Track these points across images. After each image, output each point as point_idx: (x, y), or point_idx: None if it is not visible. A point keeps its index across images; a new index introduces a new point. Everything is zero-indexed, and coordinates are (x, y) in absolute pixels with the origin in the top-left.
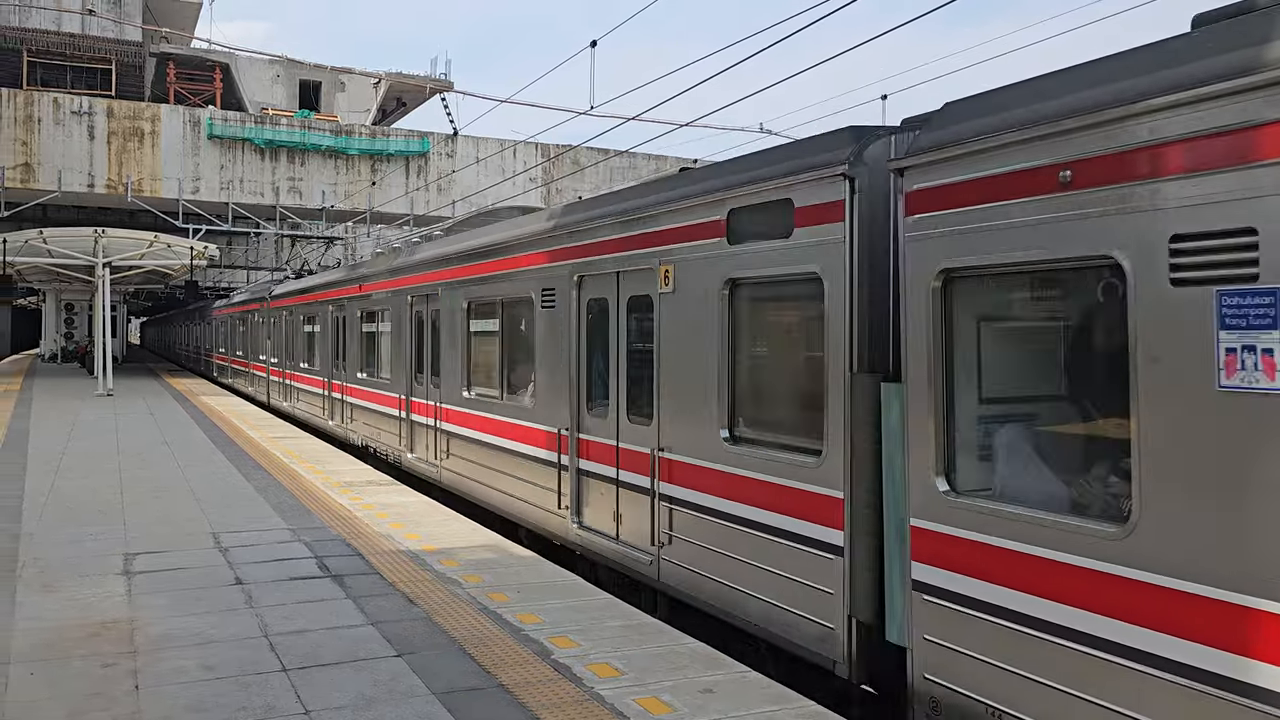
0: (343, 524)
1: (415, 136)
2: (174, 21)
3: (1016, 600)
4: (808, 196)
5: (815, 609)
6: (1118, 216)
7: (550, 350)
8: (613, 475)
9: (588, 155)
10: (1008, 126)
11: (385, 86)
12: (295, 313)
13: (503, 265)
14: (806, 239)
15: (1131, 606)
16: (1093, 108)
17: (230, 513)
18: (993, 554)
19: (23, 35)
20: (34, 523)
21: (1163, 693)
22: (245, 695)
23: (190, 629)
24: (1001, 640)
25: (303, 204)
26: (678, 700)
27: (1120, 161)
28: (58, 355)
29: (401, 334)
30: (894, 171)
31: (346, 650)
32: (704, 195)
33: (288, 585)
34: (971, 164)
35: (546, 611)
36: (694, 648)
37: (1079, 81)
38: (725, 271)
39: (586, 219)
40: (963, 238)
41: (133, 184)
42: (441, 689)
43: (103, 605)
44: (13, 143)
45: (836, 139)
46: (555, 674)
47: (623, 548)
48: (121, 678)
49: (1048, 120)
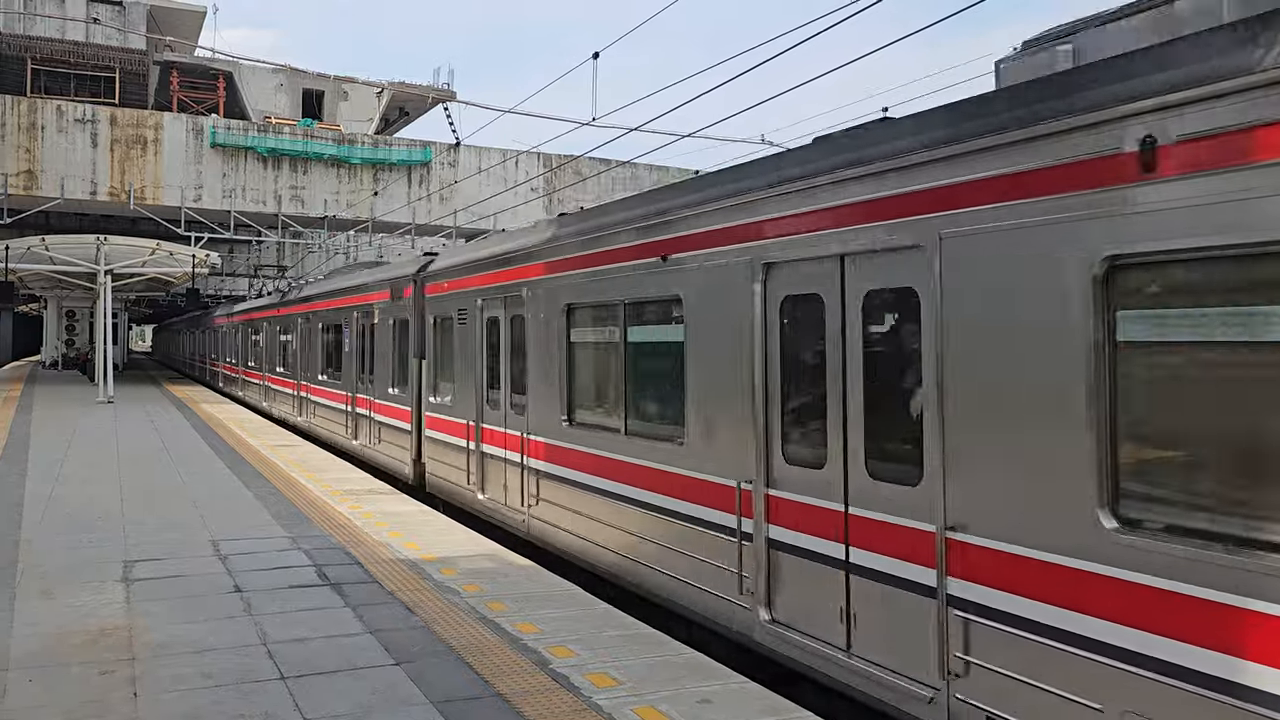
0: (342, 532)
1: (418, 146)
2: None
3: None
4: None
5: None
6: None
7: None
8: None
9: (590, 165)
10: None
11: (388, 96)
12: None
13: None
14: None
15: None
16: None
17: (230, 520)
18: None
19: (27, 43)
20: (33, 529)
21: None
22: (244, 703)
23: (189, 636)
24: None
25: (305, 212)
26: (675, 710)
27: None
28: (59, 362)
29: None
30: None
31: (345, 659)
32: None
33: (286, 593)
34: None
35: (545, 621)
36: (691, 658)
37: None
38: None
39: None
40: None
41: (135, 192)
42: (439, 698)
43: (102, 612)
44: (16, 150)
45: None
46: (553, 683)
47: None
48: (120, 685)
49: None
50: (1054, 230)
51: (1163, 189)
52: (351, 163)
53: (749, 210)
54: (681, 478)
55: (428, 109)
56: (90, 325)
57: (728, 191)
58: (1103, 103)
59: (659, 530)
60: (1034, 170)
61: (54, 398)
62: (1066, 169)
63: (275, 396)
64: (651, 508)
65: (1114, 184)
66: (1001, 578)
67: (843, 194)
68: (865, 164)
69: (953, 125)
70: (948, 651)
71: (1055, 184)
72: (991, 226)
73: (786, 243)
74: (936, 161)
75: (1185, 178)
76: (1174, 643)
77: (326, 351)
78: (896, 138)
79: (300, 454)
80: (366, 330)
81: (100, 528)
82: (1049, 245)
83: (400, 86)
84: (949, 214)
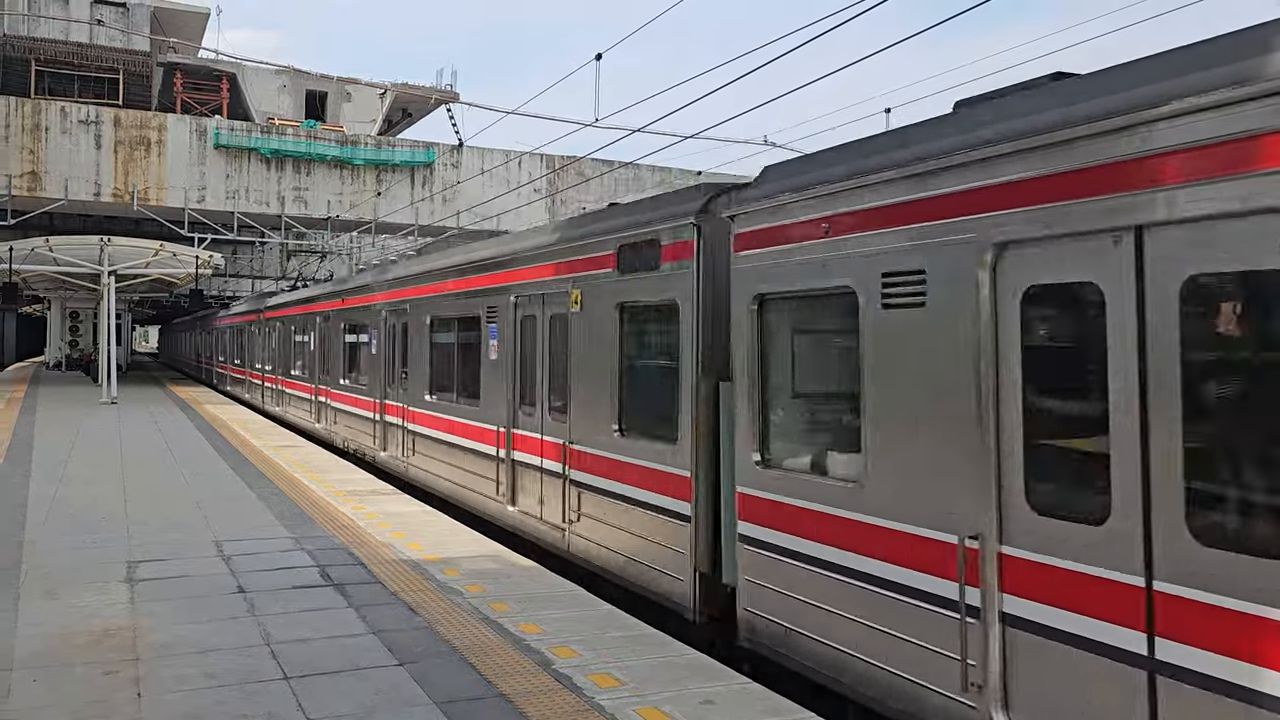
0: (345, 533)
1: (420, 147)
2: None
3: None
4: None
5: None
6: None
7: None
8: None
9: (592, 167)
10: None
11: (391, 97)
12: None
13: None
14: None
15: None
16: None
17: (233, 521)
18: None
19: (31, 44)
20: (37, 530)
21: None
22: (247, 703)
23: (192, 637)
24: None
25: (308, 214)
26: (678, 711)
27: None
28: (62, 363)
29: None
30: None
31: (348, 659)
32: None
33: (290, 594)
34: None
35: (548, 621)
36: (694, 659)
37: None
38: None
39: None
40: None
41: (139, 193)
42: (442, 698)
43: (105, 613)
44: (20, 151)
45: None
46: (556, 684)
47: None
48: (124, 685)
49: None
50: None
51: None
52: (354, 164)
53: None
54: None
55: (430, 110)
56: (94, 326)
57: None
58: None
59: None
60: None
61: (58, 399)
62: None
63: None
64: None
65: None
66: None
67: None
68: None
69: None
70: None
71: None
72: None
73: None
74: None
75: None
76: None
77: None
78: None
79: (303, 455)
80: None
81: (104, 528)
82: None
83: (403, 88)
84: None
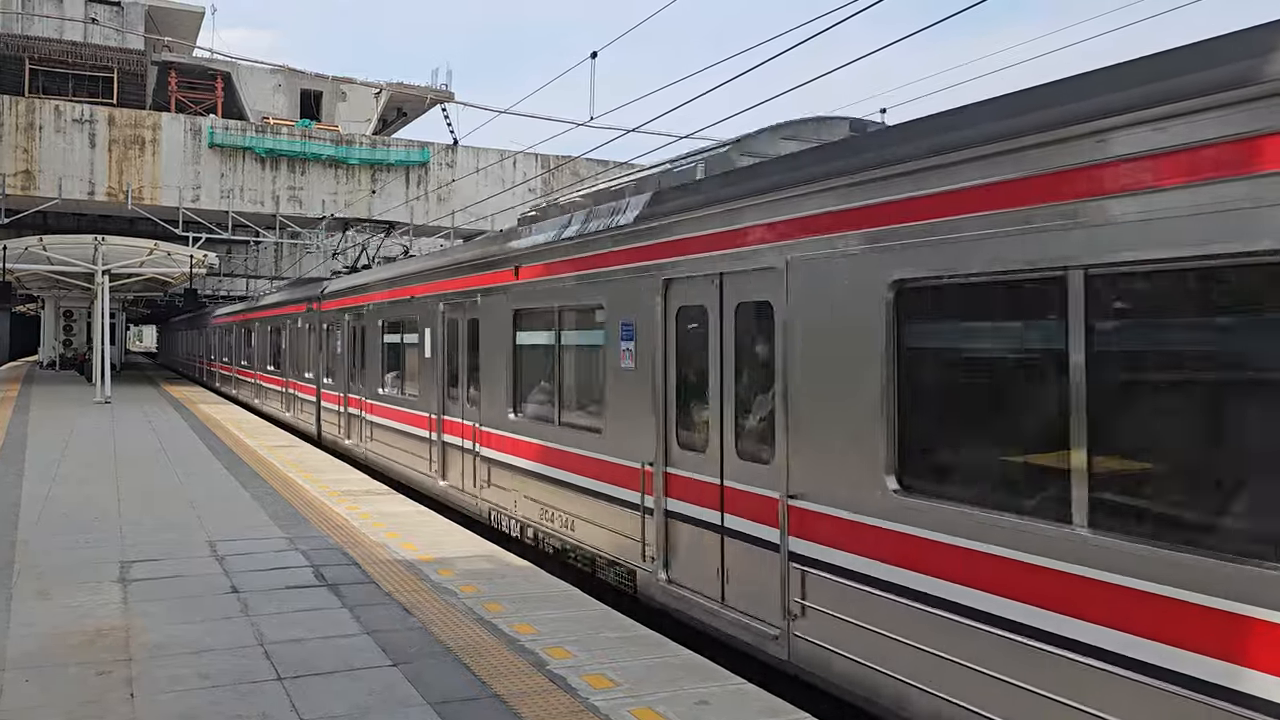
0: (340, 533)
1: (415, 146)
2: (176, 30)
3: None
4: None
5: None
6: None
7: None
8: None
9: (587, 166)
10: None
11: (386, 97)
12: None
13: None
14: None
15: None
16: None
17: (227, 521)
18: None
19: (25, 43)
20: (30, 530)
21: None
22: (241, 704)
23: (186, 637)
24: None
25: (303, 213)
26: (672, 711)
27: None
28: (56, 362)
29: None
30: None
31: (342, 659)
32: None
33: (284, 594)
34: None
35: (542, 622)
36: (689, 659)
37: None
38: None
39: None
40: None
41: (133, 192)
42: (436, 699)
43: (98, 613)
44: (14, 150)
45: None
46: (550, 684)
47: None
48: (117, 685)
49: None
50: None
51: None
52: (349, 163)
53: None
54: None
55: (426, 110)
56: (88, 325)
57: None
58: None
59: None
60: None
61: (51, 398)
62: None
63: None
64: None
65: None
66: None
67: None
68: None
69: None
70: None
71: None
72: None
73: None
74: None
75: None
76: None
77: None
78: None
79: (297, 455)
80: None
81: (97, 528)
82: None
83: (398, 87)
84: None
